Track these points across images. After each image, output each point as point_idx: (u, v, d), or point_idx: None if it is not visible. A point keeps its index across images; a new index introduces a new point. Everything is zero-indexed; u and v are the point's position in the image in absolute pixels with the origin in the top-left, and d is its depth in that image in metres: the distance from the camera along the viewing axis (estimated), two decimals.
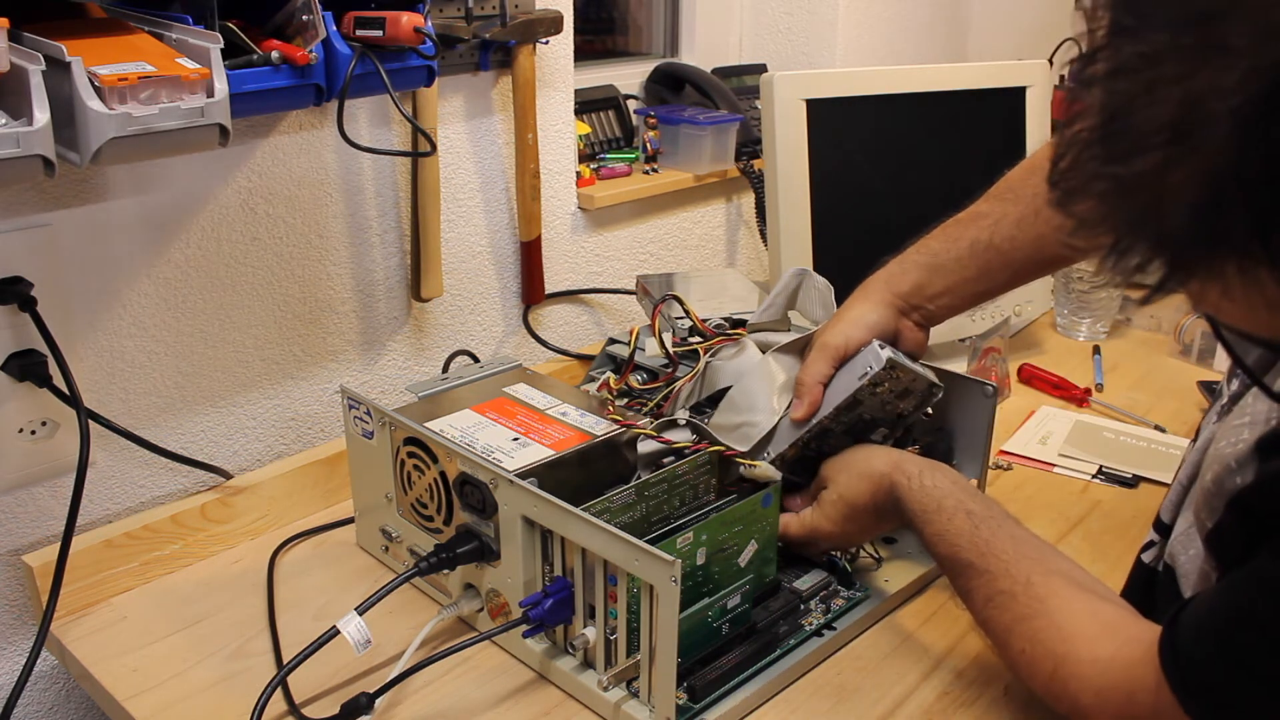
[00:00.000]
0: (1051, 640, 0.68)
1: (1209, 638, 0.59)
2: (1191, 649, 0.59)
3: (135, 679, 0.82)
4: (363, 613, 0.77)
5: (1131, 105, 0.43)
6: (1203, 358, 1.40)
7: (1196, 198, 0.41)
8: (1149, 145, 0.42)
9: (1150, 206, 0.43)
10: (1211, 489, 0.63)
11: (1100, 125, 0.44)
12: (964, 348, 1.26)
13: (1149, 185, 0.43)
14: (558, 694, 0.80)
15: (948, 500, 0.78)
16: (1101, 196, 0.45)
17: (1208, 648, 0.59)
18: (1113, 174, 0.44)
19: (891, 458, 0.83)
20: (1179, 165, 0.42)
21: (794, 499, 0.89)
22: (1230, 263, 0.42)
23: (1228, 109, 0.40)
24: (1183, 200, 0.42)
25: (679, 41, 1.64)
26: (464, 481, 0.82)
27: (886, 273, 0.91)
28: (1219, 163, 0.40)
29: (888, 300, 0.89)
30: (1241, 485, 0.61)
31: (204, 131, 0.77)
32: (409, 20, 0.88)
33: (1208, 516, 0.64)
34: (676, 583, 0.67)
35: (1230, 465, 0.61)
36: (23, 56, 0.69)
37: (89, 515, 0.95)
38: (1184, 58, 0.41)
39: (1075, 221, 0.46)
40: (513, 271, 1.26)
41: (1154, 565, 0.76)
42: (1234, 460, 0.61)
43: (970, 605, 0.76)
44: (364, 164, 1.08)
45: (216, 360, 1.01)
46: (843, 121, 1.25)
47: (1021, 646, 0.70)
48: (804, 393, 0.87)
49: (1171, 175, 0.42)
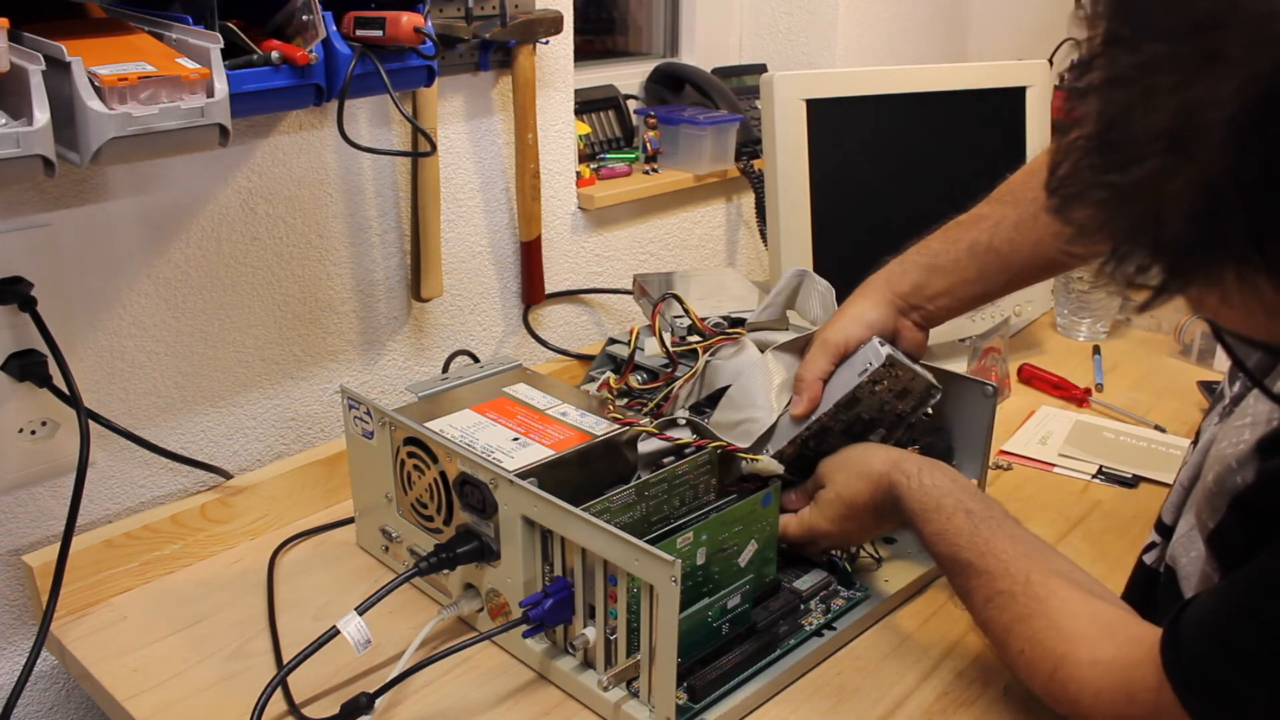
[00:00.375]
0: (1051, 641, 0.68)
1: (1211, 636, 0.59)
2: (1193, 647, 0.59)
3: (135, 679, 0.82)
4: (363, 613, 0.77)
5: (1129, 114, 0.43)
6: (1203, 358, 1.40)
7: (1194, 205, 0.42)
8: (1146, 154, 0.42)
9: (1148, 214, 0.43)
10: (1213, 489, 0.63)
11: (1097, 134, 0.45)
12: (964, 348, 1.26)
13: (1146, 193, 0.43)
14: (558, 694, 0.80)
15: (947, 499, 0.78)
16: (1099, 204, 0.45)
17: (1210, 646, 0.59)
18: (1110, 182, 0.44)
19: (890, 456, 0.83)
20: (1176, 173, 0.42)
21: (789, 495, 0.89)
22: (1228, 269, 0.43)
23: (1224, 118, 0.40)
24: (1180, 208, 0.42)
25: (679, 41, 1.64)
26: (464, 481, 0.82)
27: (887, 272, 0.92)
28: (1215, 170, 0.41)
29: (888, 299, 0.90)
30: (1242, 485, 0.61)
31: (204, 131, 0.77)
32: (409, 20, 0.88)
33: (1209, 517, 0.64)
34: (676, 583, 0.67)
35: (1231, 465, 0.61)
36: (23, 56, 0.69)
37: (89, 515, 0.95)
38: (1180, 67, 0.41)
39: (1074, 229, 0.47)
40: (513, 271, 1.26)
41: (1155, 567, 0.76)
42: (1235, 460, 0.61)
43: (969, 605, 0.76)
44: (364, 164, 1.08)
45: (216, 360, 1.01)
46: (843, 121, 1.25)
47: (1021, 647, 0.70)
48: (803, 389, 0.87)
49: (1169, 183, 0.42)
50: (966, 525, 0.76)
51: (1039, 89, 1.36)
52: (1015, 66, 1.36)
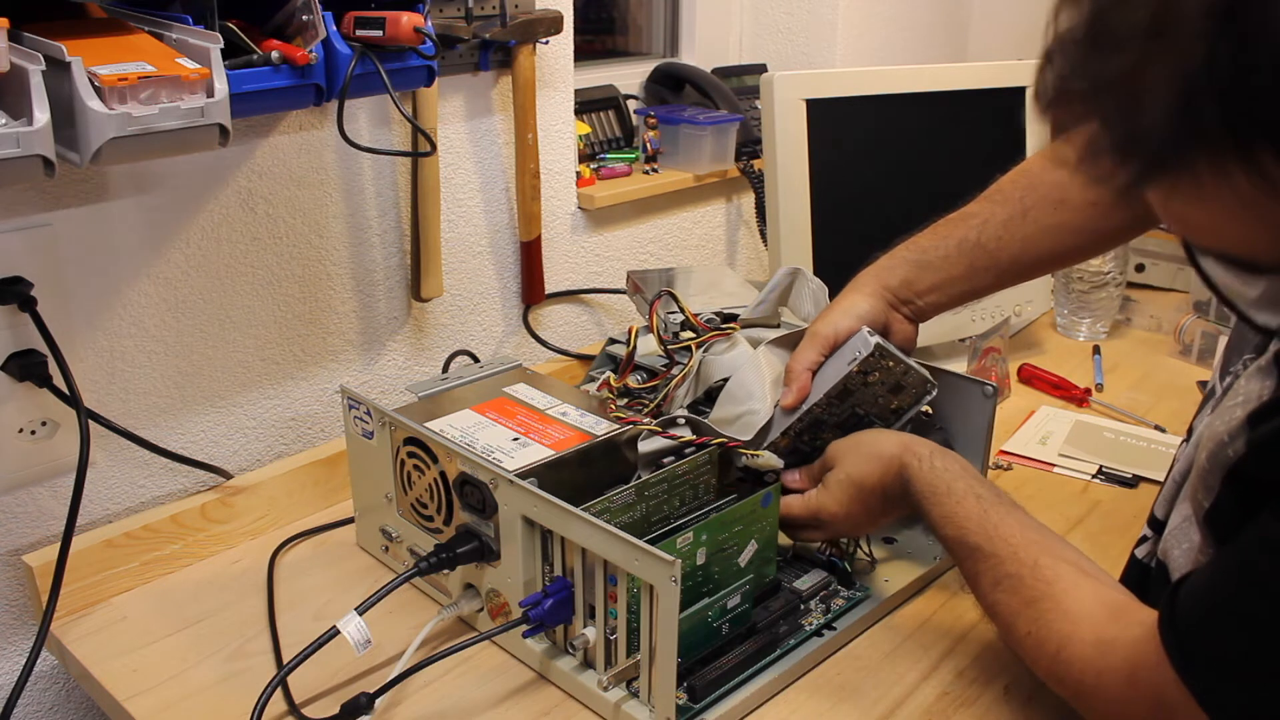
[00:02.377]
0: (1057, 622, 0.67)
1: (1206, 603, 0.58)
2: (1190, 617, 0.59)
3: (135, 679, 0.82)
4: (363, 613, 0.77)
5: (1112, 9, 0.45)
6: (1203, 358, 1.40)
7: (1170, 96, 0.43)
8: (1127, 45, 0.44)
9: (1126, 104, 0.45)
10: (1206, 467, 0.63)
11: (1084, 26, 0.47)
12: (964, 348, 1.26)
13: (1125, 84, 0.45)
14: (558, 694, 0.80)
15: (958, 483, 0.78)
16: (1080, 97, 0.47)
17: (1206, 613, 0.58)
18: (1092, 73, 0.46)
19: (902, 440, 0.83)
20: (1154, 64, 0.43)
21: (792, 475, 0.88)
22: (1202, 160, 0.44)
23: (1199, 8, 0.42)
24: (1158, 98, 0.43)
25: (679, 41, 1.64)
26: (464, 481, 0.82)
27: (876, 267, 0.93)
28: (1192, 61, 0.42)
29: (877, 292, 0.90)
30: (1234, 457, 0.61)
31: (204, 131, 0.77)
32: (409, 20, 0.88)
33: (1204, 497, 0.64)
34: (676, 583, 0.67)
35: (1223, 439, 0.61)
36: (23, 56, 0.69)
37: (89, 515, 0.95)
38: None
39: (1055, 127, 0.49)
40: (513, 271, 1.26)
41: (1147, 561, 0.76)
42: (1227, 435, 0.61)
43: (976, 588, 0.75)
44: (364, 164, 1.08)
45: (216, 360, 1.01)
46: (843, 121, 1.25)
47: (1028, 629, 0.69)
48: (792, 379, 0.88)
49: (1147, 74, 0.44)
50: (976, 509, 0.75)
51: None
52: (1015, 66, 1.36)
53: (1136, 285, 1.63)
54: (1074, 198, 0.87)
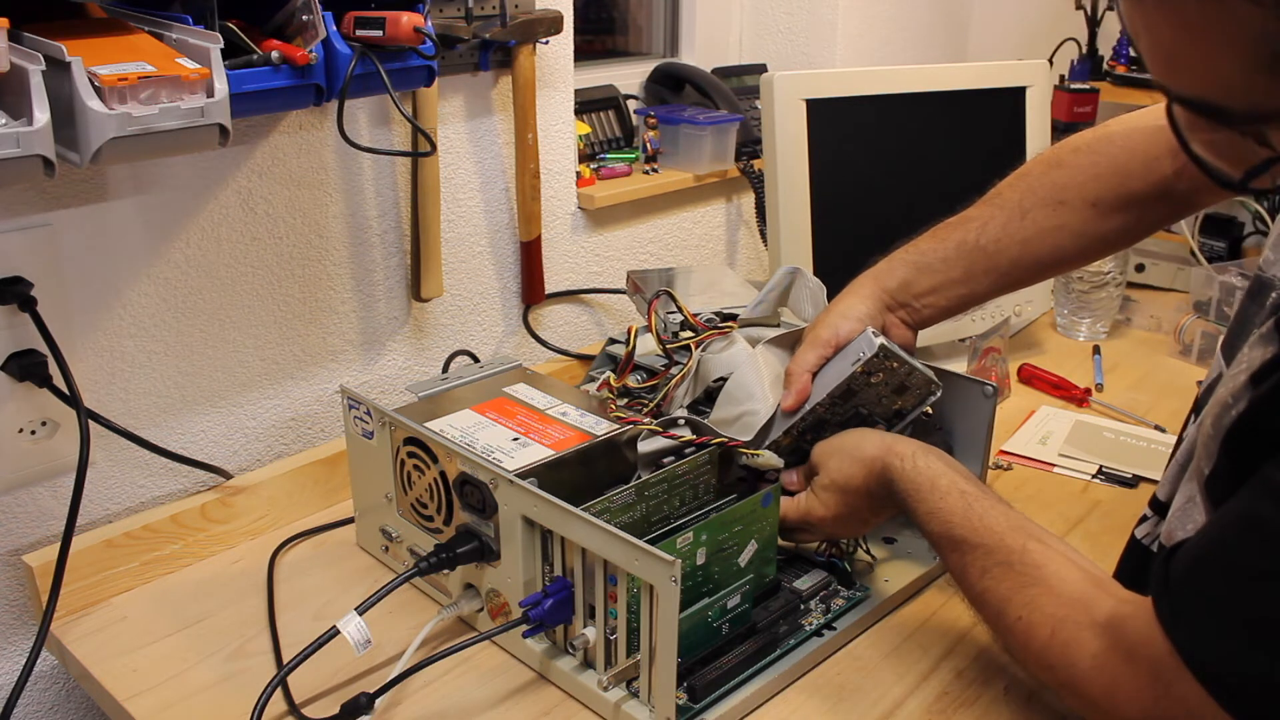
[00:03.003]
0: (1050, 605, 0.67)
1: (1206, 558, 0.57)
2: (1185, 576, 0.58)
3: (135, 679, 0.82)
4: (363, 613, 0.77)
5: None
6: (1203, 358, 1.40)
7: None
8: None
9: None
10: (1210, 433, 0.63)
11: None
12: (964, 348, 1.26)
13: None
14: (558, 694, 0.80)
15: (941, 479, 0.77)
16: None
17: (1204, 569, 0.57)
18: None
19: (884, 440, 0.83)
20: None
21: (790, 475, 0.88)
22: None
23: None
24: None
25: (679, 41, 1.64)
26: (464, 481, 0.82)
27: (875, 270, 0.93)
28: None
29: (876, 294, 0.91)
30: (1236, 416, 0.60)
31: (204, 131, 0.77)
32: (409, 20, 0.88)
33: (1206, 463, 0.63)
34: (676, 583, 0.67)
35: (1227, 402, 0.61)
36: (23, 56, 0.69)
37: (89, 515, 0.95)
38: None
39: None
40: (513, 271, 1.26)
41: (1148, 543, 0.75)
42: (1230, 398, 0.61)
43: (964, 582, 0.74)
44: (364, 164, 1.08)
45: (216, 360, 1.01)
46: (843, 121, 1.25)
47: (1019, 614, 0.68)
48: (792, 382, 0.88)
49: None
50: (960, 504, 0.75)
51: (1039, 89, 1.36)
52: (1015, 66, 1.36)
53: (1136, 285, 1.63)
54: (1073, 199, 0.87)
